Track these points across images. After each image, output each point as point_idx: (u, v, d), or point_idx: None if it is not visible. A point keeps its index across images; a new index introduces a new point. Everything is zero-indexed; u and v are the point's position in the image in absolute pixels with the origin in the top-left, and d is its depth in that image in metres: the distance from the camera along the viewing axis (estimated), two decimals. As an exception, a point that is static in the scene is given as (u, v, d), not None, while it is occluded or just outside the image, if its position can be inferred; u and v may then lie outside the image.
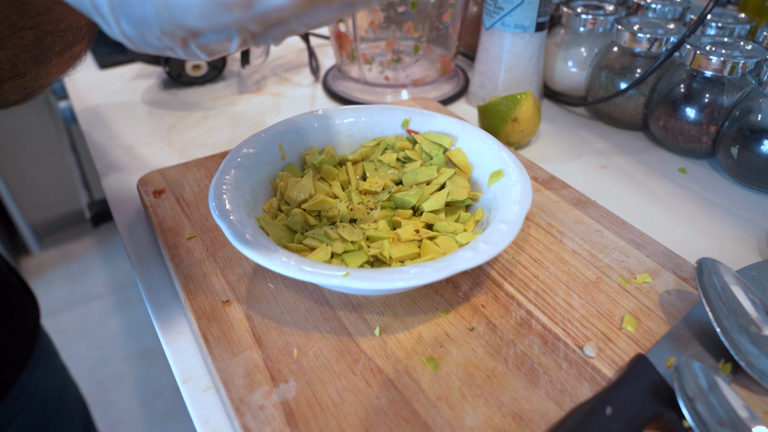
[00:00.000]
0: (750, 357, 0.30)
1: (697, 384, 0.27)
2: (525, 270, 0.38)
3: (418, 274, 0.29)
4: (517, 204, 0.34)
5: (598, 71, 0.59)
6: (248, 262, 0.38)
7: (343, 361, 0.31)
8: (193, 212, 0.43)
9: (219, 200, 0.34)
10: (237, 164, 0.38)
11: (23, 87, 0.37)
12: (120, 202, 0.49)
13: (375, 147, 0.44)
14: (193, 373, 0.34)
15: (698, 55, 0.51)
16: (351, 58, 0.65)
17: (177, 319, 0.37)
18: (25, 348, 0.54)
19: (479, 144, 0.41)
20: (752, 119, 0.48)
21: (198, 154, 0.56)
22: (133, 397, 1.42)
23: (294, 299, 0.35)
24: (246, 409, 0.29)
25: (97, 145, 0.59)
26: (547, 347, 0.32)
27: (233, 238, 0.30)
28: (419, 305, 0.35)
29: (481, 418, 0.28)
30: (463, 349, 0.32)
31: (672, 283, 0.37)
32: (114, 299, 1.68)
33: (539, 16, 0.57)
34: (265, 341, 0.32)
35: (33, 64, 0.35)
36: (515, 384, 0.30)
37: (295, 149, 0.42)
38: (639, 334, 0.33)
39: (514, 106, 0.53)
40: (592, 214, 0.43)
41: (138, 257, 0.43)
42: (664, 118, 0.54)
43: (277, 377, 0.30)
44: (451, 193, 0.38)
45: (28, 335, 0.55)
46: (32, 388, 0.54)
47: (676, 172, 0.54)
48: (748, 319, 0.32)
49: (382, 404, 0.29)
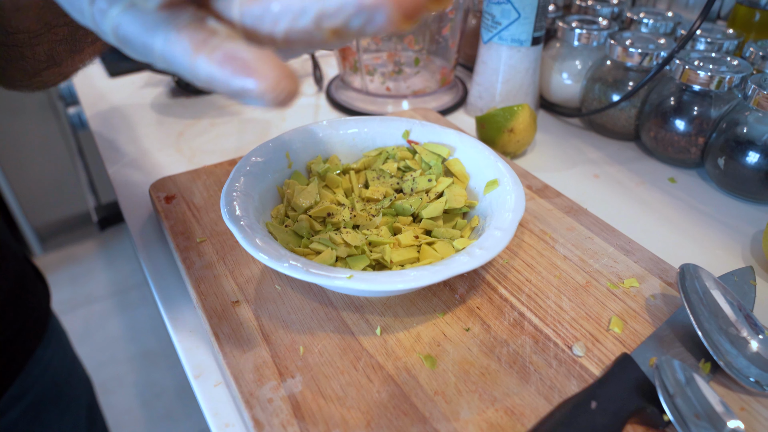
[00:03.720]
0: (728, 357, 0.32)
1: (677, 380, 0.29)
2: (518, 274, 0.40)
3: (417, 277, 0.31)
4: (511, 212, 0.36)
5: (592, 83, 0.61)
6: (256, 265, 0.40)
7: (346, 358, 0.33)
8: (203, 217, 0.45)
9: (230, 206, 0.36)
10: (246, 172, 0.40)
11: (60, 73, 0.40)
12: (132, 206, 0.51)
13: (377, 156, 0.46)
14: (204, 369, 0.36)
15: (687, 70, 0.53)
16: (354, 69, 0.67)
17: (188, 319, 0.39)
18: (39, 325, 0.57)
19: (476, 154, 0.43)
20: (738, 131, 0.50)
21: (206, 160, 0.58)
22: (133, 398, 1.44)
23: (300, 300, 0.37)
24: (255, 402, 0.31)
25: (109, 151, 0.61)
26: (538, 347, 0.34)
27: (245, 242, 0.32)
28: (418, 307, 0.37)
29: (475, 412, 0.30)
30: (459, 348, 0.34)
31: (658, 287, 0.39)
32: (116, 302, 1.70)
33: (535, 30, 0.59)
34: (272, 339, 0.34)
35: (68, 53, 0.37)
36: (508, 381, 0.32)
37: (301, 158, 0.44)
38: (625, 335, 0.35)
39: (511, 117, 0.55)
40: (583, 222, 0.45)
41: (150, 260, 0.45)
42: (655, 130, 0.57)
43: (285, 373, 0.32)
44: (449, 201, 0.40)
45: (42, 313, 0.58)
46: (45, 363, 0.57)
47: (665, 181, 0.56)
48: (727, 322, 0.34)
49: (382, 398, 0.31)
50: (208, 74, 0.19)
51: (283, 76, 0.18)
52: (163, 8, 0.19)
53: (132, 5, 0.20)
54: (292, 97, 0.19)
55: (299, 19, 0.19)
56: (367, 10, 0.17)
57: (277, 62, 0.18)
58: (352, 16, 0.18)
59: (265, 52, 0.19)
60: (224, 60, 0.18)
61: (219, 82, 0.18)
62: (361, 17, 0.18)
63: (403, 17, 0.18)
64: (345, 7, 0.18)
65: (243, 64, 0.18)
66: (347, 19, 0.18)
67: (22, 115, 1.60)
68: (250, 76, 0.18)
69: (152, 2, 0.19)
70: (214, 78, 0.18)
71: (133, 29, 0.20)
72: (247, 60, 0.18)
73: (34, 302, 0.56)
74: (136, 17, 0.20)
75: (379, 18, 0.18)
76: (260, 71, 0.18)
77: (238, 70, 0.18)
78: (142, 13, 0.20)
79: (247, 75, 0.18)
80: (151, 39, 0.20)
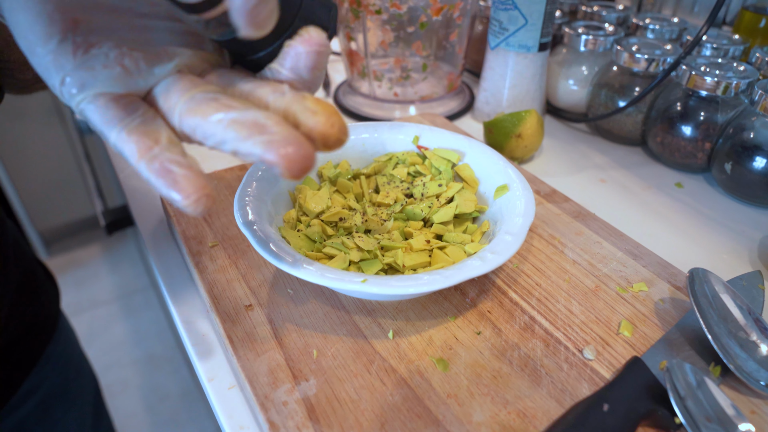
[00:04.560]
0: (738, 360, 0.33)
1: (688, 383, 0.30)
2: (528, 278, 0.40)
3: (431, 281, 0.31)
4: (521, 217, 0.37)
5: (599, 89, 0.62)
6: (268, 269, 0.41)
7: (360, 361, 0.34)
8: (214, 222, 0.45)
9: (243, 211, 0.36)
10: (258, 177, 0.40)
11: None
12: (143, 211, 0.52)
13: (387, 162, 0.46)
14: (217, 372, 0.36)
15: (694, 76, 0.53)
16: (362, 75, 0.67)
17: (201, 323, 0.40)
18: (50, 323, 0.58)
19: (486, 160, 0.43)
20: (745, 136, 0.51)
21: (215, 165, 0.59)
22: (137, 402, 1.44)
23: (312, 304, 0.38)
24: (270, 404, 0.31)
25: (118, 157, 0.61)
26: (549, 350, 0.34)
27: (260, 247, 0.33)
28: (429, 310, 0.37)
29: (487, 414, 0.31)
30: (470, 351, 0.34)
31: (667, 291, 0.39)
32: (120, 305, 1.71)
33: (542, 36, 0.60)
34: (286, 342, 0.35)
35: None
36: (519, 384, 0.32)
37: (312, 163, 0.45)
38: (635, 339, 0.35)
39: (519, 122, 0.55)
40: (591, 226, 0.45)
41: (162, 264, 0.45)
42: (662, 135, 0.57)
43: (299, 376, 0.33)
44: (459, 206, 0.41)
45: (52, 311, 0.60)
46: (55, 359, 0.58)
47: (672, 186, 0.56)
48: (736, 326, 0.34)
49: (396, 401, 0.31)
50: (147, 178, 0.23)
51: (203, 195, 0.23)
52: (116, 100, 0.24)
53: (96, 97, 0.24)
54: (206, 210, 0.23)
55: (220, 145, 0.24)
56: (266, 162, 0.22)
57: (200, 182, 0.23)
58: (256, 161, 0.23)
59: (192, 170, 0.23)
60: (159, 172, 0.23)
61: (154, 187, 0.23)
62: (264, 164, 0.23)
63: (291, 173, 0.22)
64: (252, 155, 0.23)
65: (173, 179, 0.23)
66: (253, 160, 0.23)
67: (28, 119, 1.61)
68: (176, 191, 0.23)
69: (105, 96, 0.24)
70: (151, 183, 0.23)
71: (94, 119, 0.24)
72: (177, 176, 0.23)
73: (44, 301, 0.57)
74: (98, 109, 0.24)
75: (275, 170, 0.22)
76: (185, 189, 0.23)
77: (168, 184, 0.23)
78: (103, 108, 0.24)
79: (174, 190, 0.23)
80: (108, 132, 0.24)
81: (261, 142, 0.22)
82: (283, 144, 0.22)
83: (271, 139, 0.22)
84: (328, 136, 0.24)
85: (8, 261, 0.51)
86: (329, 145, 0.24)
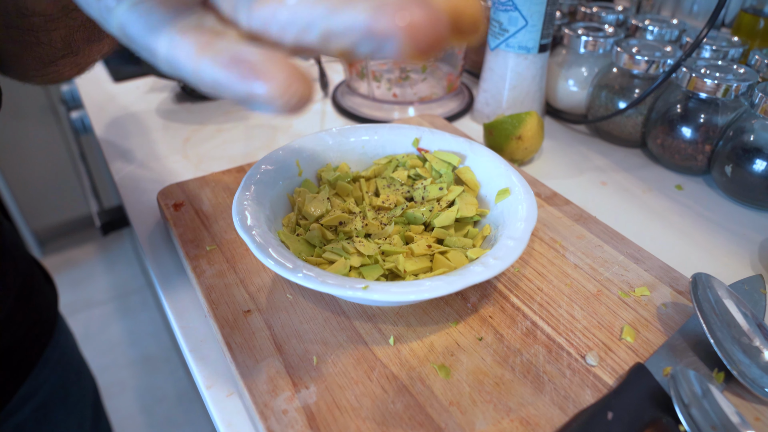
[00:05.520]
0: (742, 366, 0.32)
1: (692, 391, 0.29)
2: (530, 283, 0.40)
3: (433, 287, 0.31)
4: (524, 221, 0.36)
5: (599, 91, 0.61)
6: (267, 274, 0.40)
7: (360, 368, 0.33)
8: (212, 225, 0.45)
9: (241, 215, 0.36)
10: (257, 180, 0.40)
11: (77, 63, 0.39)
12: (139, 213, 0.51)
13: (387, 164, 0.46)
14: (215, 379, 0.35)
15: (694, 78, 0.53)
16: (360, 75, 0.67)
17: (198, 328, 0.39)
18: (49, 324, 0.58)
19: (487, 163, 0.43)
20: (745, 139, 0.51)
21: (213, 167, 0.58)
22: (134, 404, 1.43)
23: (312, 309, 0.37)
24: (270, 413, 0.31)
25: (114, 157, 0.61)
26: (551, 356, 0.34)
27: (259, 253, 0.32)
28: (431, 316, 0.37)
29: (490, 422, 0.30)
30: (472, 358, 0.34)
31: (669, 296, 0.39)
32: (116, 306, 1.70)
33: (542, 38, 0.59)
34: (285, 349, 0.34)
35: (86, 42, 0.36)
36: (522, 390, 0.32)
37: (311, 166, 0.44)
38: (638, 344, 0.35)
39: (519, 124, 0.55)
40: (592, 230, 0.45)
41: (158, 268, 0.45)
42: (662, 137, 0.57)
43: (299, 383, 0.32)
44: (460, 209, 0.40)
45: (51, 313, 0.59)
46: (55, 362, 0.58)
47: (672, 188, 0.56)
48: (739, 331, 0.34)
49: (397, 409, 0.31)
50: (213, 78, 0.17)
51: (295, 79, 0.17)
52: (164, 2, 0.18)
53: (139, 2, 0.19)
54: (305, 102, 0.17)
55: (305, 34, 0.17)
56: (375, 37, 0.16)
57: (287, 64, 0.17)
58: (359, 41, 0.16)
59: (274, 54, 0.17)
60: (230, 63, 0.17)
61: (224, 87, 0.17)
62: (368, 44, 0.16)
63: (416, 51, 0.16)
64: (352, 30, 0.16)
65: (250, 66, 0.17)
66: (354, 43, 0.17)
67: (23, 118, 1.60)
68: (257, 79, 0.17)
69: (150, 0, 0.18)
70: (220, 82, 0.17)
71: (138, 29, 0.19)
72: (255, 62, 0.17)
73: (43, 302, 0.57)
74: (141, 17, 0.19)
75: (388, 48, 0.16)
76: (269, 74, 0.17)
77: (245, 74, 0.17)
78: (147, 12, 0.18)
79: (254, 78, 0.17)
80: (155, 41, 0.18)
81: (366, 9, 0.16)
82: (399, 5, 0.16)
83: (382, 3, 0.16)
84: (462, 10, 0.17)
85: (7, 264, 0.50)
86: (462, 27, 0.17)
